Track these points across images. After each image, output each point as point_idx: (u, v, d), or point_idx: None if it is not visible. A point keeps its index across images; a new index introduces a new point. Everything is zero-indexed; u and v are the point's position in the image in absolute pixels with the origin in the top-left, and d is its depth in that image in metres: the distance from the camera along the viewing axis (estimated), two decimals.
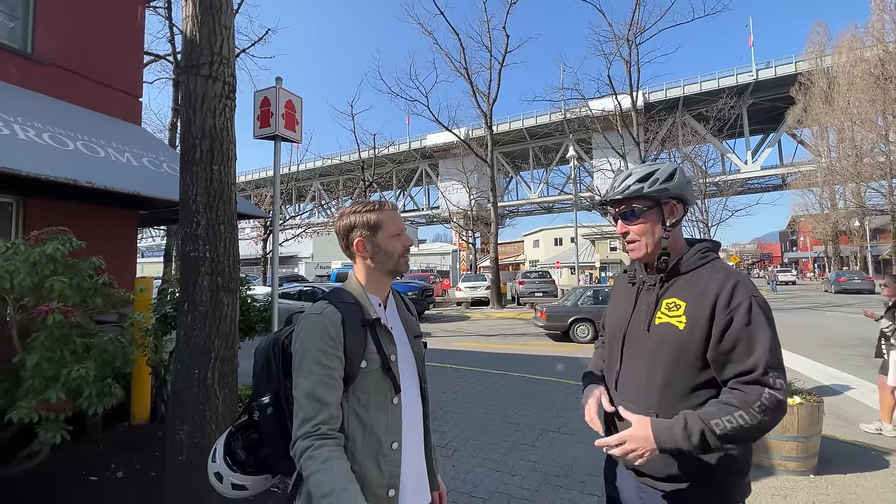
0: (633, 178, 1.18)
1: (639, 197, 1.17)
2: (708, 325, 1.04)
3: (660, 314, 1.13)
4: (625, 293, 1.30)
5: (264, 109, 3.81)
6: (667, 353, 1.08)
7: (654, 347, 1.11)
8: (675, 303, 1.11)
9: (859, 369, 6.63)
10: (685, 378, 1.07)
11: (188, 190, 2.29)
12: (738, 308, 1.01)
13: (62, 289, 1.99)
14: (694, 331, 1.05)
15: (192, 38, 2.32)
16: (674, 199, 1.17)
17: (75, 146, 3.96)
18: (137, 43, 5.50)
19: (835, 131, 31.19)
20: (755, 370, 0.98)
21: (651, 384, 1.11)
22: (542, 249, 45.01)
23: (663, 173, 1.16)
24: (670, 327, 1.09)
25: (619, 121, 18.54)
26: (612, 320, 1.31)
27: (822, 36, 35.44)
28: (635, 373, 1.16)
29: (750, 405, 0.95)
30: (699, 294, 1.07)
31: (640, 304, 1.20)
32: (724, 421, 0.95)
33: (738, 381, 1.00)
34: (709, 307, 1.04)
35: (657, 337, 1.11)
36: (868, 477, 3.11)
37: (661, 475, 1.10)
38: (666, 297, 1.14)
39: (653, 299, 1.16)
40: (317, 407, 0.97)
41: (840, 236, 40.69)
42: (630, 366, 1.18)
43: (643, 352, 1.14)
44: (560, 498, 2.85)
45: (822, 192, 37.00)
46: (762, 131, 43.43)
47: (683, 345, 1.06)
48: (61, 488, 2.65)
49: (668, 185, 1.15)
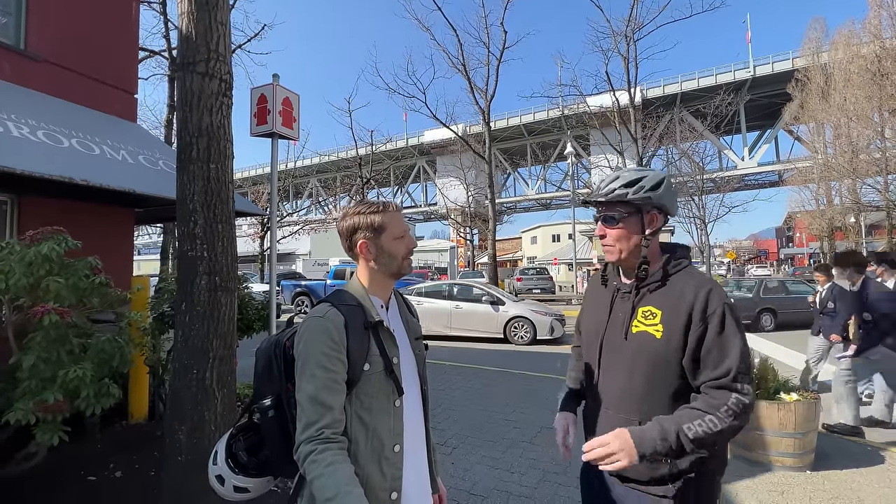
0: (618, 183, 1.18)
1: (622, 202, 1.17)
2: (684, 332, 1.06)
3: (636, 322, 1.14)
4: (599, 297, 1.31)
5: (261, 107, 3.78)
6: (645, 361, 1.10)
7: (632, 356, 1.13)
8: (651, 311, 1.12)
9: None
10: (664, 385, 1.09)
11: (185, 188, 2.27)
12: (713, 316, 1.04)
13: (58, 289, 1.97)
14: (671, 339, 1.07)
15: (187, 35, 2.29)
16: (656, 209, 1.17)
17: (70, 143, 3.92)
18: (132, 39, 5.44)
19: (831, 127, 31.25)
20: (727, 376, 1.01)
21: (632, 391, 1.12)
22: (539, 246, 45.03)
23: (650, 181, 1.16)
24: (647, 336, 1.11)
25: (616, 117, 18.53)
26: (588, 326, 1.32)
27: (819, 32, 35.42)
28: (614, 380, 1.17)
29: (718, 409, 0.99)
30: (674, 302, 1.09)
31: (616, 312, 1.21)
32: (696, 425, 0.99)
33: (708, 387, 1.03)
34: (685, 315, 1.06)
35: (635, 346, 1.13)
36: (864, 472, 3.14)
37: (645, 478, 1.11)
38: (642, 306, 1.15)
39: (629, 307, 1.17)
40: (320, 411, 0.96)
41: (836, 232, 40.89)
42: (608, 373, 1.19)
43: (622, 360, 1.16)
44: (559, 495, 2.86)
45: (818, 188, 37.11)
46: (759, 128, 43.53)
47: (661, 353, 1.08)
48: (60, 488, 2.64)
49: (652, 195, 1.15)
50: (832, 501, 2.78)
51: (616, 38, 17.19)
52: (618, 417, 1.14)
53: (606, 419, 1.18)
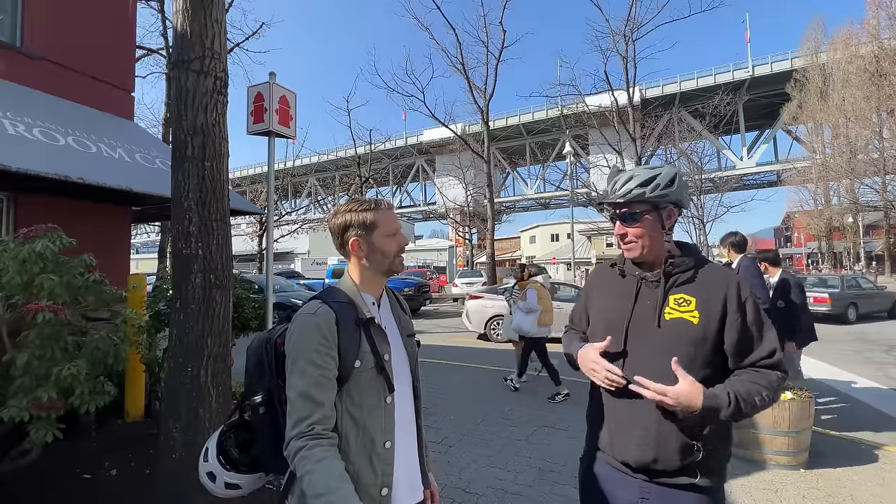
0: (634, 182, 1.21)
1: (640, 201, 1.21)
2: (720, 318, 1.13)
3: (669, 310, 1.17)
4: (616, 286, 1.31)
5: (258, 105, 3.78)
6: (684, 345, 1.14)
7: (670, 341, 1.15)
8: (684, 298, 1.17)
9: (852, 364, 6.71)
10: (699, 368, 1.13)
11: (180, 187, 2.27)
12: (747, 303, 1.14)
13: (52, 286, 1.97)
14: (709, 324, 1.13)
15: (182, 33, 2.28)
16: (672, 204, 1.22)
17: (66, 141, 3.91)
18: (129, 37, 5.43)
19: (829, 128, 31.31)
20: (773, 356, 1.12)
21: (666, 376, 1.12)
22: (538, 245, 45.10)
23: (664, 178, 1.20)
24: (684, 322, 1.15)
25: (615, 117, 18.53)
26: (607, 314, 1.29)
27: (818, 32, 35.48)
28: (646, 365, 1.16)
29: (771, 385, 1.10)
30: (707, 291, 1.15)
31: (643, 300, 1.22)
32: (755, 397, 1.08)
33: (759, 366, 1.12)
34: (720, 303, 1.13)
35: (671, 333, 1.15)
36: (857, 471, 3.16)
37: (674, 467, 1.13)
38: (673, 293, 1.19)
39: (658, 296, 1.19)
40: (311, 407, 0.97)
41: (833, 232, 40.97)
42: (636, 358, 1.19)
43: (653, 345, 1.17)
44: (554, 493, 2.87)
45: (816, 188, 37.17)
46: (758, 127, 43.57)
47: (700, 337, 1.13)
48: (55, 486, 2.64)
49: (668, 191, 1.19)
50: (825, 500, 2.79)
51: (615, 38, 17.17)
52: (648, 408, 1.14)
53: (633, 404, 1.16)
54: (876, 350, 7.92)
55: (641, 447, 1.15)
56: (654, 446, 1.14)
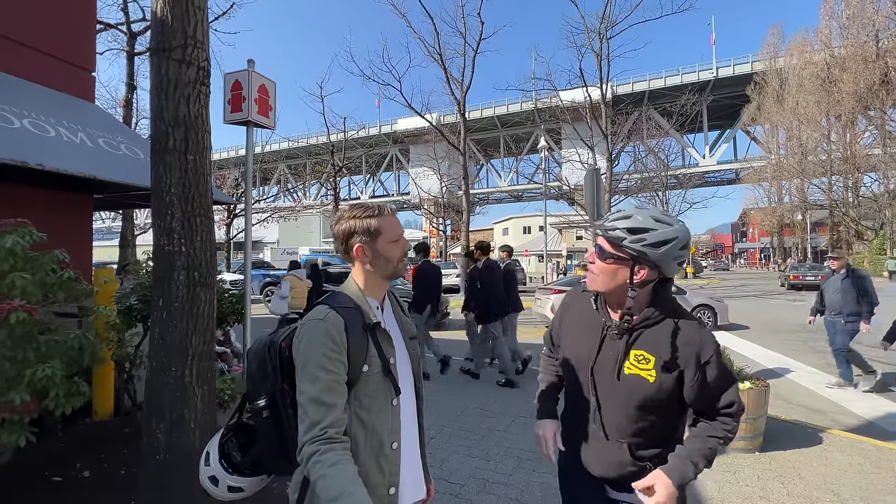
0: (624, 223, 1.16)
1: (616, 244, 1.16)
2: (678, 378, 1.17)
3: (629, 364, 1.20)
4: (587, 320, 1.32)
5: (236, 93, 3.64)
6: (639, 399, 1.19)
7: (625, 395, 1.21)
8: (643, 356, 1.18)
9: (798, 353, 7.26)
10: (655, 419, 1.22)
11: (161, 181, 2.18)
12: (709, 363, 1.15)
13: (25, 285, 1.87)
14: (664, 383, 1.17)
15: (163, 19, 2.18)
16: (649, 266, 1.15)
17: (22, 124, 3.63)
18: (89, 12, 5.07)
19: (784, 130, 33.16)
20: (731, 407, 1.18)
21: (624, 423, 1.24)
22: (511, 237, 45.67)
23: (655, 237, 1.12)
24: (640, 379, 1.18)
25: (588, 112, 18.92)
26: (575, 353, 1.33)
27: (776, 38, 37.32)
28: (614, 412, 1.25)
29: (727, 432, 1.18)
30: (670, 350, 1.16)
31: (606, 350, 1.24)
32: (715, 451, 1.18)
33: (717, 415, 1.20)
34: (680, 364, 1.16)
35: (628, 386, 1.20)
36: (805, 452, 3.46)
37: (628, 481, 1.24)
38: (634, 349, 1.20)
39: (620, 349, 1.21)
40: (323, 411, 0.98)
41: (784, 229, 43.65)
42: (607, 404, 1.26)
43: (615, 396, 1.23)
44: (533, 481, 2.99)
45: (770, 186, 39.45)
46: (720, 127, 45.56)
47: (653, 395, 1.18)
48: (23, 491, 2.51)
49: (650, 252, 1.12)
50: (777, 479, 3.05)
51: (590, 35, 17.48)
52: (612, 442, 1.26)
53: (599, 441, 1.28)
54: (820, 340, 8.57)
55: (601, 466, 1.30)
56: (609, 470, 1.28)
